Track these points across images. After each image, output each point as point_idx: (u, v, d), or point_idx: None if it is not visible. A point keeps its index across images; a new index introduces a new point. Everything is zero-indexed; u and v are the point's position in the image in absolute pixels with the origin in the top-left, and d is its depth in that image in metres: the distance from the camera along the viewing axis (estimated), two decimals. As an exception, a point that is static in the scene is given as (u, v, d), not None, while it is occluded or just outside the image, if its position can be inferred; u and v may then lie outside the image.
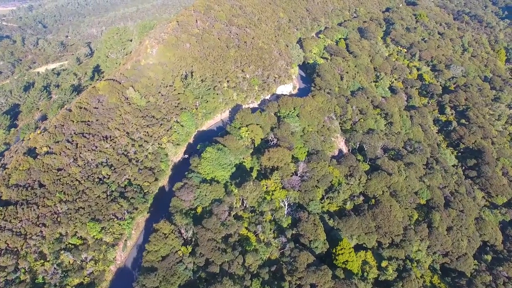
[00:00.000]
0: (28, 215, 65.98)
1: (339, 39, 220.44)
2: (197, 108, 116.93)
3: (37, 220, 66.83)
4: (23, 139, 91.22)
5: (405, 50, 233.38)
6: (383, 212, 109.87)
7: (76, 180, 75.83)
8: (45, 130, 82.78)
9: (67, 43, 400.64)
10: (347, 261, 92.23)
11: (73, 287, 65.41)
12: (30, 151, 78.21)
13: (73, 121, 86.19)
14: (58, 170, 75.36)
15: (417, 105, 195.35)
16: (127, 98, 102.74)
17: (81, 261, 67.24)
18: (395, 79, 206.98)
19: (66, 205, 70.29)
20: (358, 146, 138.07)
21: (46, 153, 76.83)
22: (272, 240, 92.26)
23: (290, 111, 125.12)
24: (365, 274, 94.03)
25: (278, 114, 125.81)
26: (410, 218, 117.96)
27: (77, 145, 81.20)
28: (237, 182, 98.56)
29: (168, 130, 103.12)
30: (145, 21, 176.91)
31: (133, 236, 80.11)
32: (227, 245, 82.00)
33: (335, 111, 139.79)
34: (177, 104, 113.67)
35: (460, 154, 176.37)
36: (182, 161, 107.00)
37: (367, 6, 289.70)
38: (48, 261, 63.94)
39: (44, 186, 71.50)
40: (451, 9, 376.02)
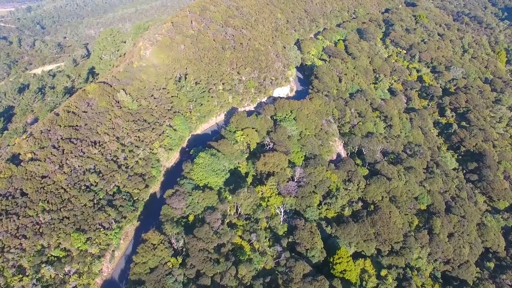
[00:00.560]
0: (7, 227, 62.62)
1: (338, 41, 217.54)
2: (191, 112, 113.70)
3: (17, 232, 63.35)
4: (8, 144, 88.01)
5: (405, 52, 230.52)
6: (383, 219, 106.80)
7: (61, 188, 72.60)
8: (31, 135, 79.61)
9: (65, 45, 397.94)
10: (345, 271, 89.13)
11: (55, 303, 62.03)
12: (14, 158, 74.97)
13: (60, 126, 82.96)
14: (42, 178, 72.12)
15: (417, 108, 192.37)
16: (118, 102, 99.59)
17: (64, 275, 63.87)
18: (395, 81, 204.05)
19: (50, 215, 67.00)
20: (357, 150, 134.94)
21: (31, 160, 73.61)
22: (267, 249, 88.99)
23: (287, 114, 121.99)
24: (364, 284, 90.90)
25: (275, 118, 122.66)
26: (410, 225, 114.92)
27: (64, 151, 77.96)
28: (231, 189, 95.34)
29: (160, 135, 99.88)
30: (140, 22, 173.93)
31: (122, 246, 76.82)
32: (220, 255, 78.74)
33: (333, 114, 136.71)
34: (170, 108, 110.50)
35: (461, 157, 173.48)
36: (175, 167, 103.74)
37: (366, 7, 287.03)
38: (28, 276, 60.48)
39: (27, 195, 68.22)
40: (451, 10, 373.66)
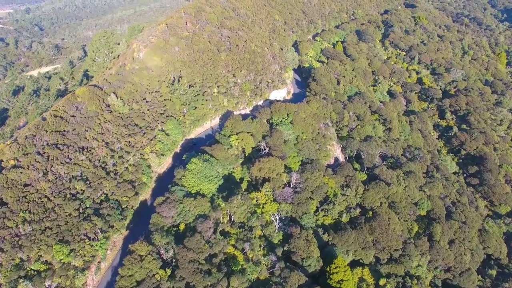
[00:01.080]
0: (-17, 240, 59.52)
1: (336, 42, 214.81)
2: (185, 115, 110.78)
3: (-7, 245, 60.24)
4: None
5: (404, 53, 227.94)
6: (381, 225, 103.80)
7: (45, 197, 69.49)
8: (15, 141, 76.61)
9: (62, 46, 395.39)
10: (342, 280, 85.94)
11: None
12: (-3, 165, 72.04)
13: (47, 131, 79.91)
14: (25, 186, 69.01)
15: (417, 110, 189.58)
16: (109, 106, 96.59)
17: (44, 290, 60.80)
18: (394, 83, 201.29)
19: (31, 226, 63.85)
20: (355, 154, 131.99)
21: (13, 167, 70.53)
22: (262, 258, 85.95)
23: (283, 118, 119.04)
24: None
25: (271, 121, 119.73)
26: (410, 231, 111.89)
27: (49, 158, 74.90)
28: (225, 195, 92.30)
29: (152, 140, 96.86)
30: (134, 24, 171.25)
31: (109, 257, 73.69)
32: (212, 266, 75.61)
33: (331, 117, 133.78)
34: (163, 111, 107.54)
35: (461, 161, 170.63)
36: (168, 172, 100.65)
37: (365, 8, 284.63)
38: (3, 293, 57.46)
39: (6, 205, 65.09)
40: (450, 12, 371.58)
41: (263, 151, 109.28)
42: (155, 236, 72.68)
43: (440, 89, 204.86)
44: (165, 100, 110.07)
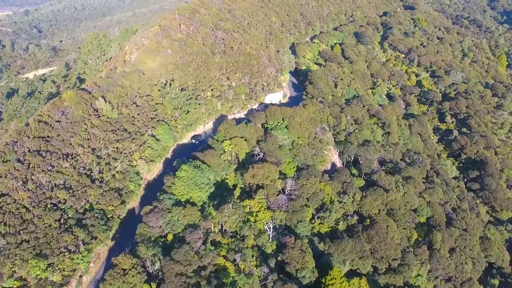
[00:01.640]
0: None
1: (335, 44, 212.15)
2: (177, 120, 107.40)
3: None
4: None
5: (403, 56, 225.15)
6: (379, 234, 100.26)
7: (23, 207, 66.00)
8: (-5, 148, 73.38)
9: (60, 48, 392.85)
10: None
11: None
12: (-26, 173, 68.67)
13: (29, 137, 76.60)
14: (1, 196, 65.58)
15: (416, 113, 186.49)
16: (97, 110, 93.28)
17: (18, 308, 57.19)
18: (393, 86, 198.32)
19: (5, 239, 60.26)
20: (353, 159, 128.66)
21: (-9, 176, 67.44)
22: (254, 269, 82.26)
23: (279, 122, 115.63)
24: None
25: (266, 126, 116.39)
26: (409, 239, 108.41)
27: (29, 165, 71.59)
28: (216, 204, 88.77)
29: (141, 145, 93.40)
30: (127, 26, 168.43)
31: (92, 270, 70.06)
32: (201, 279, 72.01)
33: (328, 122, 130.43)
34: (154, 116, 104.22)
35: (462, 165, 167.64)
36: (158, 179, 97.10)
37: (364, 10, 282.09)
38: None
39: (-20, 217, 61.91)
40: (450, 14, 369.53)
41: (257, 157, 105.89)
42: (141, 248, 69.16)
43: (440, 92, 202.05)
44: (157, 104, 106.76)
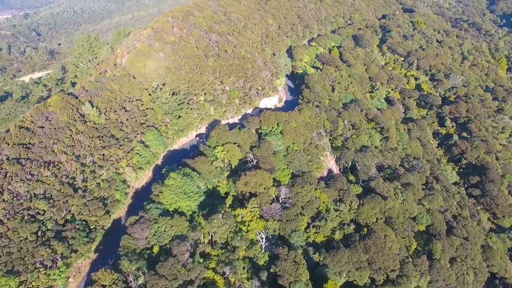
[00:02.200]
0: None
1: (332, 47, 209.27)
2: (167, 125, 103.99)
3: None
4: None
5: (402, 59, 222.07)
6: (377, 244, 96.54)
7: (-2, 220, 62.68)
8: (-27, 156, 69.94)
9: (59, 51, 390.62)
10: (334, 307, 78.69)
11: None
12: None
13: (9, 144, 73.23)
14: (-27, 208, 62.30)
15: (415, 117, 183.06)
16: (83, 116, 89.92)
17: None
18: (392, 90, 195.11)
19: (-25, 255, 56.92)
20: (350, 165, 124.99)
21: (-36, 186, 63.90)
22: (245, 282, 78.60)
23: (273, 128, 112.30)
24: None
25: (260, 131, 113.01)
26: (408, 249, 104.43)
27: (6, 174, 68.14)
28: (206, 213, 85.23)
29: (129, 152, 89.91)
30: (120, 29, 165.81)
31: (71, 286, 66.24)
32: (188, 294, 68.36)
33: (325, 126, 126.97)
34: (144, 121, 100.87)
35: (462, 171, 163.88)
36: (147, 187, 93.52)
37: (363, 13, 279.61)
38: None
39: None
40: (449, 17, 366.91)
41: (251, 164, 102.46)
42: (123, 262, 65.48)
43: (440, 96, 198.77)
44: (147, 109, 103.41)
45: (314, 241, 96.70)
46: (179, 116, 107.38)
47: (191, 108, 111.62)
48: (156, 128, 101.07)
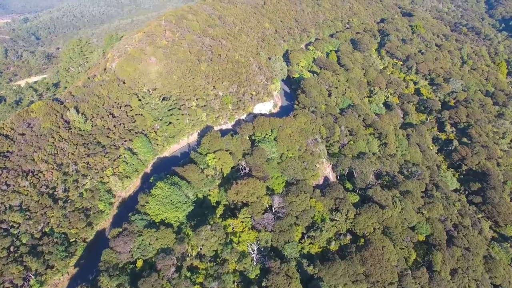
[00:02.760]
0: None
1: (330, 51, 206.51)
2: (157, 132, 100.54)
3: None
4: None
5: (401, 63, 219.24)
6: (374, 255, 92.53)
7: (-33, 234, 58.93)
8: None
9: (56, 55, 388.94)
10: (328, 324, 74.55)
11: None
12: None
13: (-14, 153, 69.92)
14: None
15: (415, 123, 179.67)
16: (68, 122, 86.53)
17: None
18: (391, 94, 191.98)
19: None
20: (347, 172, 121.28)
21: None
22: (235, 298, 74.67)
23: (267, 134, 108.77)
24: None
25: (253, 138, 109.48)
26: (407, 260, 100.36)
27: (-20, 185, 64.82)
28: (195, 224, 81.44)
29: (115, 160, 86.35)
30: (112, 33, 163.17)
31: (47, 304, 62.65)
32: (172, 312, 64.43)
33: (321, 133, 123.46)
34: (133, 127, 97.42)
35: (463, 177, 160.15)
36: (134, 197, 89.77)
37: (361, 17, 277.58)
38: None
39: None
40: (448, 21, 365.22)
41: (243, 172, 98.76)
42: (103, 278, 61.64)
43: (439, 100, 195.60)
44: (136, 115, 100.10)
45: (309, 252, 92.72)
46: (170, 122, 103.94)
47: (183, 114, 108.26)
48: (145, 135, 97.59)
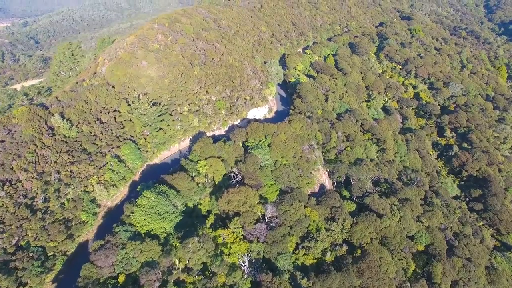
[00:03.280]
0: None
1: (328, 55, 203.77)
2: (146, 138, 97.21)
3: None
4: None
5: (400, 67, 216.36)
6: (371, 267, 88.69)
7: None
8: None
9: (52, 59, 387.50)
10: None
11: None
12: None
13: (-39, 162, 66.60)
14: None
15: (414, 127, 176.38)
16: (52, 128, 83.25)
17: None
18: (389, 98, 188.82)
19: None
20: (344, 179, 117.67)
21: None
22: (224, 314, 70.82)
23: (260, 140, 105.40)
24: None
25: (246, 144, 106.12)
26: (406, 271, 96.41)
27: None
28: (182, 235, 77.74)
29: (101, 168, 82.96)
30: (105, 36, 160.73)
31: (20, 323, 58.91)
32: (155, 331, 60.64)
33: (317, 139, 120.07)
34: (121, 134, 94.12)
35: (463, 183, 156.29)
36: (121, 206, 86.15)
37: (359, 21, 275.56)
38: None
39: None
40: (447, 25, 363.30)
41: (235, 179, 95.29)
42: (80, 296, 57.92)
43: (439, 105, 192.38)
44: (125, 121, 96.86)
45: (303, 264, 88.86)
46: (160, 128, 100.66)
47: (174, 120, 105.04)
48: (134, 141, 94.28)
